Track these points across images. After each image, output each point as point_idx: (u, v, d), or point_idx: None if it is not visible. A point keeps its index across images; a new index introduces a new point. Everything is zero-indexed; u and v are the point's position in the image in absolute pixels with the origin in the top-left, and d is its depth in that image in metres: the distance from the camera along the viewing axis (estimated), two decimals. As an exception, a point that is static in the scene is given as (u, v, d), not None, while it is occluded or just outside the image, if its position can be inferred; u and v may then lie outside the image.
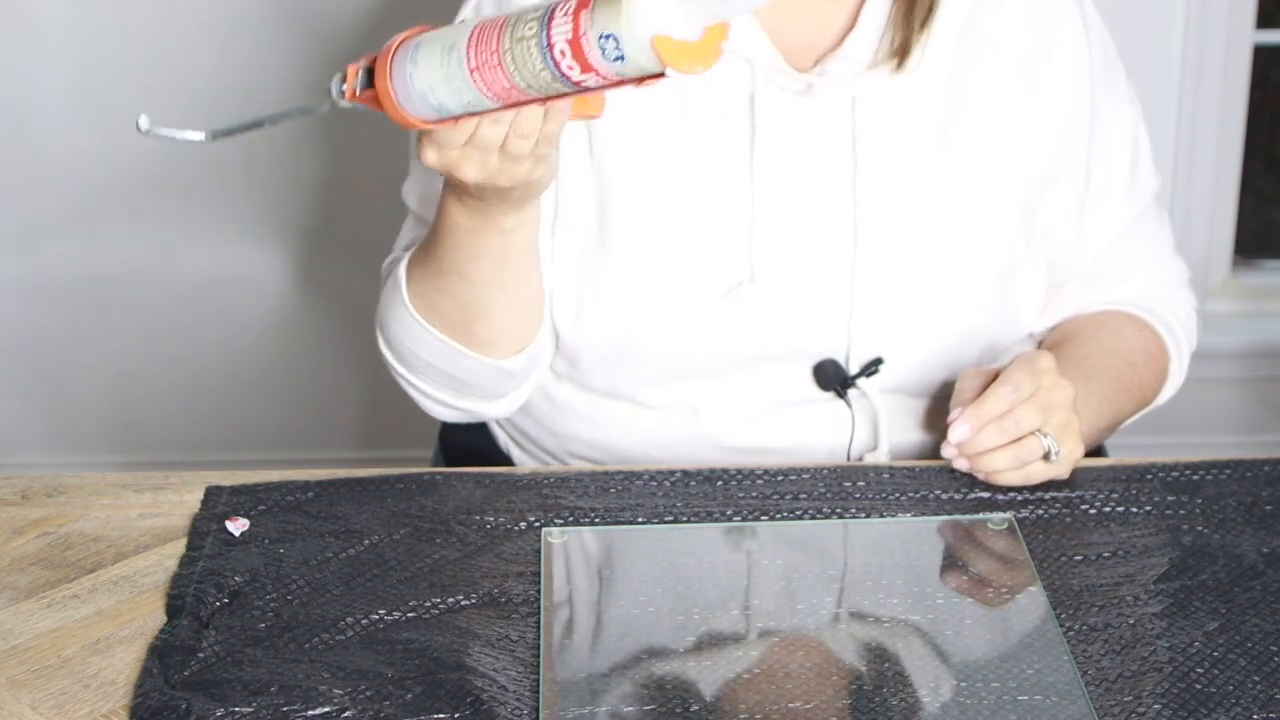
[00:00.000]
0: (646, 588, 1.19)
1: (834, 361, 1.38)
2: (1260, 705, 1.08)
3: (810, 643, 1.14)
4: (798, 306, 1.37)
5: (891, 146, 1.36)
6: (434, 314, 1.35)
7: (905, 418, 1.42)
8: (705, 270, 1.36)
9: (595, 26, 0.99)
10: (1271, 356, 2.59)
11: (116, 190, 2.40)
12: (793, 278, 1.36)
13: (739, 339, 1.37)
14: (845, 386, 1.38)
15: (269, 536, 1.25)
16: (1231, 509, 1.28)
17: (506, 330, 1.36)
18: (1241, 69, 2.44)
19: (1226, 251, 2.57)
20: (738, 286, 1.36)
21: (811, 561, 1.23)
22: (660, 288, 1.36)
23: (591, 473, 1.32)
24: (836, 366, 1.38)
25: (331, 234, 2.43)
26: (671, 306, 1.37)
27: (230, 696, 1.08)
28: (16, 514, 1.29)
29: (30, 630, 1.16)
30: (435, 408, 1.44)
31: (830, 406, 1.40)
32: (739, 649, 1.13)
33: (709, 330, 1.37)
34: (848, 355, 1.38)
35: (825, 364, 1.39)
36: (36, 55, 2.33)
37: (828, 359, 1.38)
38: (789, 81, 1.34)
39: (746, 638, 1.15)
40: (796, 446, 1.41)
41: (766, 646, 1.14)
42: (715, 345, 1.37)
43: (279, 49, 2.33)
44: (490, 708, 1.07)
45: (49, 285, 2.46)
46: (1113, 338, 1.46)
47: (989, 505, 1.28)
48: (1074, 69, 1.39)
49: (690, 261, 1.36)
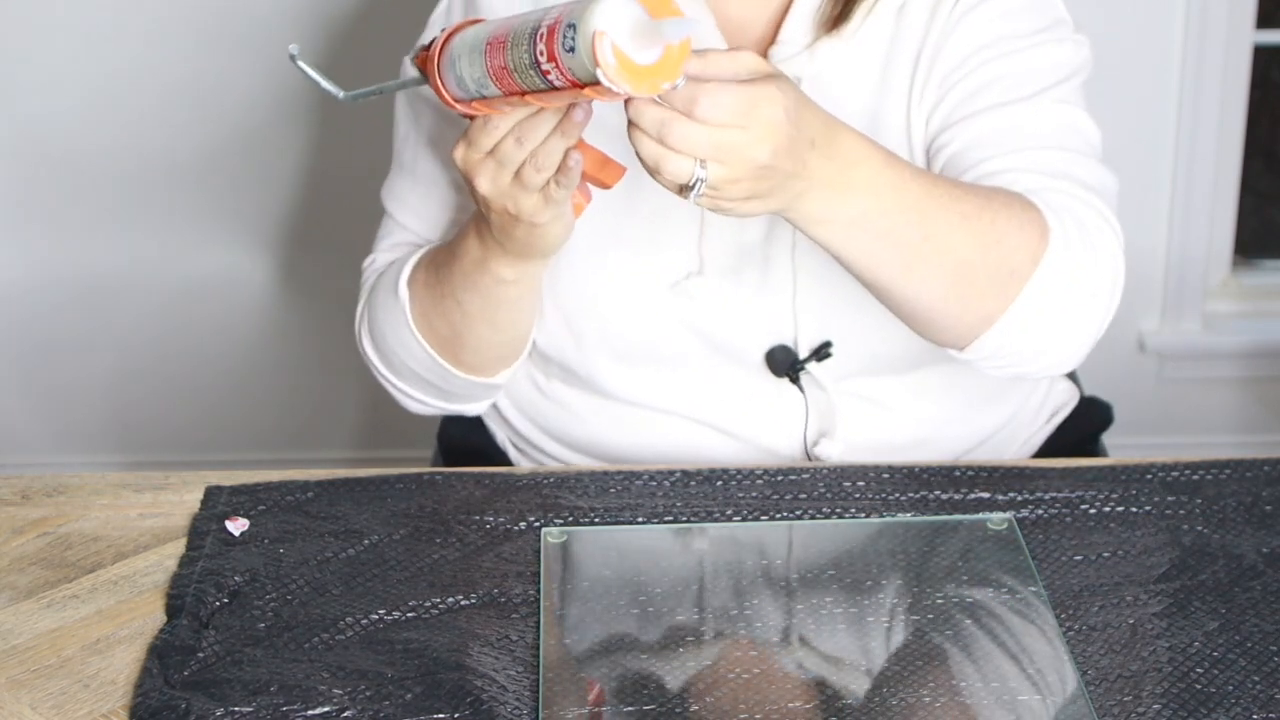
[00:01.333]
0: (646, 587, 1.19)
1: (784, 347, 1.39)
2: (1260, 705, 1.08)
3: (810, 643, 1.14)
4: (745, 294, 1.38)
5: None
6: (430, 332, 1.38)
7: (863, 403, 1.42)
8: (652, 265, 1.38)
9: (568, 19, 1.02)
10: (1271, 356, 2.60)
11: (117, 190, 2.40)
12: (739, 266, 1.37)
13: (690, 330, 1.39)
14: (796, 371, 1.39)
15: (269, 536, 1.25)
16: (1231, 509, 1.28)
17: (492, 363, 1.40)
18: (1241, 69, 2.44)
19: (1226, 251, 2.57)
20: (685, 279, 1.37)
21: (811, 561, 1.23)
22: (610, 282, 1.38)
23: (591, 473, 1.32)
24: (787, 352, 1.39)
25: (332, 234, 2.43)
26: (622, 299, 1.38)
27: (230, 696, 1.08)
28: (16, 514, 1.29)
29: (30, 630, 1.16)
30: (413, 405, 1.47)
31: (784, 393, 1.41)
32: (738, 649, 1.13)
33: (660, 322, 1.39)
34: (796, 341, 1.39)
35: (776, 350, 1.39)
36: (37, 59, 2.33)
37: (778, 345, 1.39)
38: None
39: (745, 637, 1.15)
40: (755, 434, 1.42)
41: (766, 645, 1.14)
42: (668, 336, 1.39)
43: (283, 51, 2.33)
44: (490, 708, 1.07)
45: (49, 285, 2.46)
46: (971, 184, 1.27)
47: (989, 505, 1.28)
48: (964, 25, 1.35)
49: (637, 256, 1.38)
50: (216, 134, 2.38)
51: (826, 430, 1.41)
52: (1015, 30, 1.35)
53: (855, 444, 1.41)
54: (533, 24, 1.06)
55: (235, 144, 2.38)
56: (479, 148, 1.18)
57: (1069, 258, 1.25)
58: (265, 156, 2.40)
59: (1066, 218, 1.26)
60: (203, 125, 2.37)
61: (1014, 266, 1.23)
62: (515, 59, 1.07)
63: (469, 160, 1.20)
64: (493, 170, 1.19)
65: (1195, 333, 2.57)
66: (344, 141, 2.39)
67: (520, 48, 1.06)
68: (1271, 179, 2.88)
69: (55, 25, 2.31)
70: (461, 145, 1.20)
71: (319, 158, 2.41)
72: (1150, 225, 2.48)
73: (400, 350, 1.40)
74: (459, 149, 1.20)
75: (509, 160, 1.17)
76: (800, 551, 1.24)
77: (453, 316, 1.35)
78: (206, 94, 2.35)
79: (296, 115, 2.37)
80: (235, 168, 2.40)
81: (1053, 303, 1.25)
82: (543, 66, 1.05)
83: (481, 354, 1.39)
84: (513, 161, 1.17)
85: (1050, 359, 1.30)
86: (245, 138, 2.38)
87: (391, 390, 1.46)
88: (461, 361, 1.39)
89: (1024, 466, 1.34)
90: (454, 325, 1.36)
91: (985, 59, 1.34)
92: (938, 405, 1.43)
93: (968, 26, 1.34)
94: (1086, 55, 1.38)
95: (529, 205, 1.20)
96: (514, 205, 1.20)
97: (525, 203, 1.20)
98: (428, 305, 1.37)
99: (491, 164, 1.19)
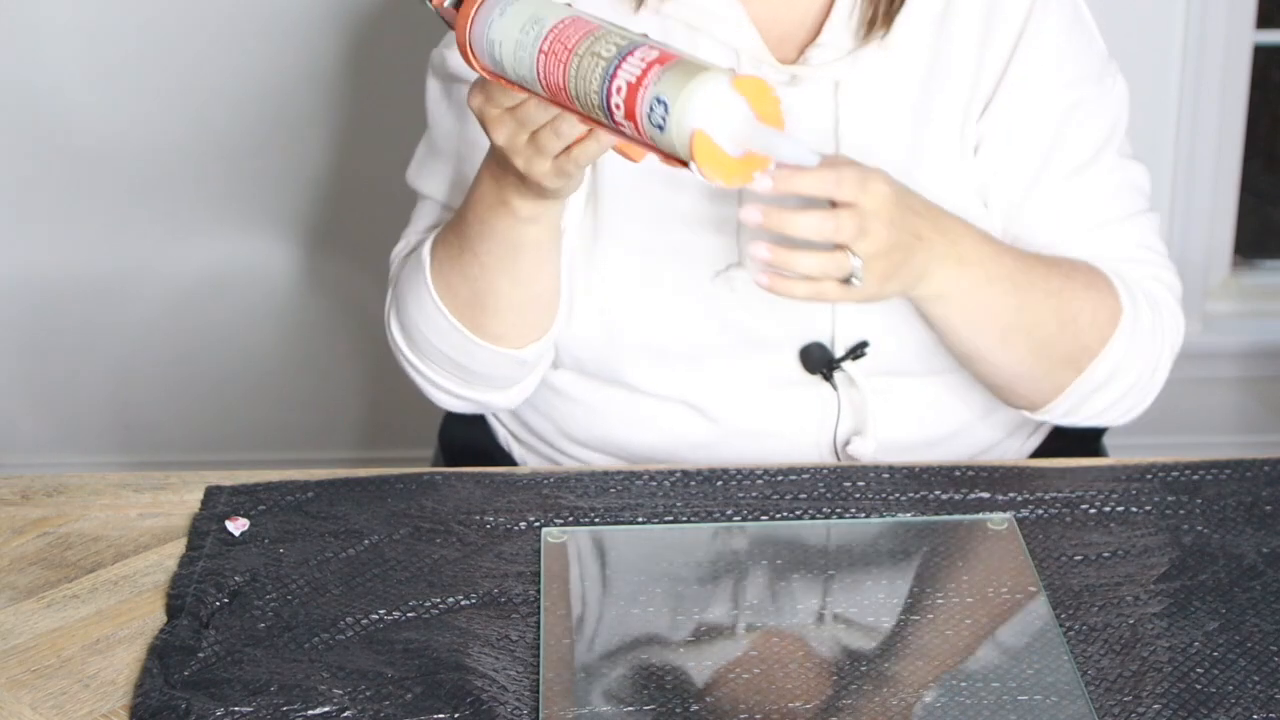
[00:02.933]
0: (646, 587, 1.19)
1: (820, 345, 1.39)
2: (1260, 705, 1.08)
3: (810, 643, 1.14)
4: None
5: (872, 128, 1.36)
6: (450, 296, 1.35)
7: (895, 401, 1.42)
8: (695, 254, 1.37)
9: (657, 86, 0.99)
10: (1271, 356, 2.59)
11: (117, 189, 2.40)
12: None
13: (727, 322, 1.38)
14: (831, 370, 1.39)
15: (269, 536, 1.25)
16: (1231, 509, 1.28)
17: (515, 327, 1.36)
18: (1241, 69, 2.44)
19: (1226, 251, 2.56)
20: (726, 269, 1.37)
21: (811, 562, 1.23)
22: (650, 271, 1.38)
23: (591, 473, 1.32)
24: (823, 350, 1.39)
25: (332, 233, 2.43)
26: (661, 290, 1.38)
27: (230, 696, 1.08)
28: (16, 514, 1.29)
29: (30, 630, 1.16)
30: (442, 397, 1.43)
31: (817, 390, 1.41)
32: (738, 649, 1.13)
33: (698, 313, 1.38)
34: (833, 338, 1.39)
35: (811, 347, 1.39)
36: (40, 54, 2.33)
37: (814, 342, 1.39)
38: (774, 74, 1.35)
39: (745, 637, 1.15)
40: (785, 430, 1.41)
41: (766, 646, 1.14)
42: (703, 329, 1.39)
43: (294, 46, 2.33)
44: (490, 708, 1.07)
45: (49, 285, 2.46)
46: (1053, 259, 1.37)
47: (989, 505, 1.28)
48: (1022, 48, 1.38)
49: (680, 245, 1.37)
50: (218, 135, 2.37)
51: (859, 428, 1.41)
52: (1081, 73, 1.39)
53: (887, 442, 1.41)
54: (607, 64, 1.02)
55: (239, 146, 2.38)
56: (498, 104, 1.15)
57: (1137, 337, 1.38)
58: (266, 155, 2.40)
59: (1140, 299, 1.38)
60: (203, 125, 2.37)
61: (1087, 343, 1.36)
62: (579, 89, 1.04)
63: (487, 112, 1.17)
64: (511, 127, 1.16)
65: (1195, 333, 2.57)
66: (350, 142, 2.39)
67: (587, 82, 1.03)
68: (1271, 179, 2.88)
69: (67, 18, 2.31)
70: (479, 95, 1.16)
71: (322, 156, 2.40)
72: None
73: (423, 323, 1.37)
74: (476, 97, 1.17)
75: (529, 122, 1.14)
76: (800, 552, 1.24)
77: (471, 272, 1.32)
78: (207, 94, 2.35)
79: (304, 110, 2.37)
80: (235, 168, 2.40)
81: (1118, 377, 1.38)
82: (615, 117, 1.02)
83: (503, 316, 1.34)
84: (533, 124, 1.14)
85: (1111, 416, 1.42)
86: (249, 137, 2.38)
87: (418, 379, 1.43)
88: (483, 328, 1.35)
89: (1024, 466, 1.34)
90: (473, 284, 1.33)
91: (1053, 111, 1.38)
92: (965, 402, 1.44)
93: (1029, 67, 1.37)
94: (1124, 91, 1.43)
95: (539, 169, 1.17)
96: (524, 163, 1.18)
97: (536, 165, 1.17)
98: (447, 267, 1.34)
99: (510, 121, 1.16)
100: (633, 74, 1.00)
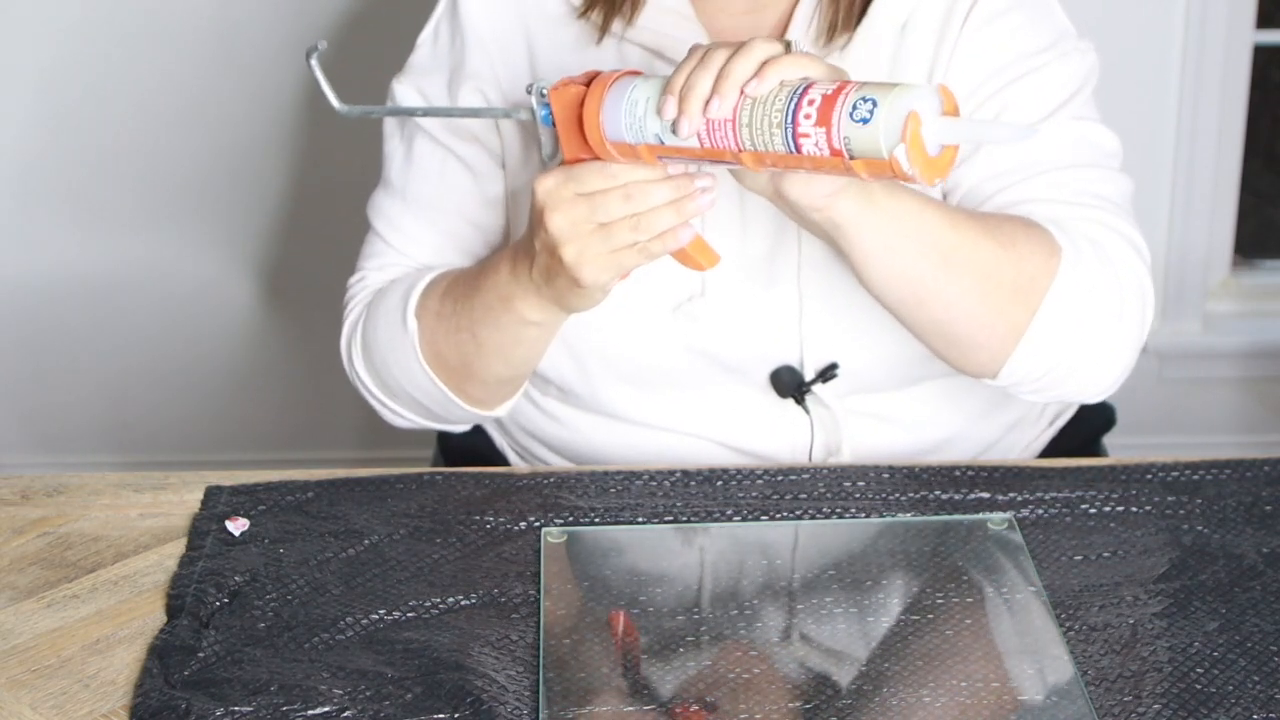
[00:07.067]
0: (646, 588, 1.19)
1: (790, 368, 1.38)
2: (1260, 705, 1.08)
3: (810, 643, 1.14)
4: (749, 315, 1.36)
5: None
6: (439, 363, 1.35)
7: (868, 419, 1.41)
8: (656, 286, 1.35)
9: (860, 91, 1.06)
10: (1271, 356, 2.60)
11: (116, 190, 2.40)
12: (743, 287, 1.36)
13: (694, 351, 1.37)
14: (802, 393, 1.38)
15: (269, 536, 1.25)
16: (1231, 509, 1.28)
17: (498, 395, 1.38)
18: (1241, 69, 2.44)
19: (1226, 251, 2.57)
20: (688, 301, 1.36)
21: (811, 561, 1.23)
22: (611, 305, 1.32)
23: (591, 473, 1.32)
24: (793, 373, 1.38)
25: (331, 233, 2.43)
26: (623, 324, 1.37)
27: (230, 696, 1.09)
28: (16, 514, 1.29)
29: (30, 630, 1.16)
30: (399, 421, 1.45)
31: (789, 413, 1.40)
32: (738, 648, 1.13)
33: (664, 342, 1.37)
34: (801, 360, 1.38)
35: (781, 371, 1.38)
36: (34, 58, 2.33)
37: (784, 366, 1.38)
38: None
39: (745, 637, 1.15)
40: (762, 452, 1.41)
41: (766, 645, 1.14)
42: (670, 359, 1.37)
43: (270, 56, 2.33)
44: (490, 708, 1.07)
45: (49, 285, 2.46)
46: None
47: (989, 505, 1.28)
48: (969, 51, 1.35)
49: (641, 279, 1.32)
50: (218, 133, 2.38)
51: (833, 448, 1.40)
52: (1023, 49, 1.34)
53: (862, 458, 1.40)
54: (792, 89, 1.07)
55: (237, 142, 2.38)
56: (583, 185, 1.14)
57: (1082, 270, 1.26)
58: (265, 155, 2.40)
59: (1079, 239, 1.28)
60: (204, 126, 2.37)
61: (1032, 274, 1.25)
62: (754, 114, 1.08)
63: (558, 194, 1.15)
64: (582, 212, 1.15)
65: (1195, 333, 2.57)
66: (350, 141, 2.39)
67: (769, 104, 1.07)
68: (1271, 179, 2.88)
69: (50, 28, 2.31)
70: (557, 177, 1.15)
71: (322, 156, 2.41)
72: (1150, 225, 2.47)
73: (404, 380, 1.38)
74: (550, 179, 1.16)
75: (604, 211, 1.14)
76: (800, 552, 1.24)
77: (466, 349, 1.33)
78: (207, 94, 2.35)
79: (299, 108, 2.37)
80: (235, 167, 2.40)
81: (1073, 315, 1.26)
82: (800, 128, 1.06)
83: (489, 388, 1.36)
84: (608, 214, 1.14)
85: (1083, 377, 1.30)
86: (248, 136, 2.38)
87: (379, 408, 1.44)
88: (467, 393, 1.36)
89: (1024, 467, 1.34)
90: (466, 358, 1.33)
91: (996, 87, 1.33)
92: (942, 417, 1.42)
93: (979, 45, 1.34)
94: (1093, 62, 1.38)
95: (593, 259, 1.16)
96: (576, 253, 1.16)
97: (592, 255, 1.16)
98: (438, 336, 1.34)
99: (583, 206, 1.15)
100: (827, 89, 1.07)
